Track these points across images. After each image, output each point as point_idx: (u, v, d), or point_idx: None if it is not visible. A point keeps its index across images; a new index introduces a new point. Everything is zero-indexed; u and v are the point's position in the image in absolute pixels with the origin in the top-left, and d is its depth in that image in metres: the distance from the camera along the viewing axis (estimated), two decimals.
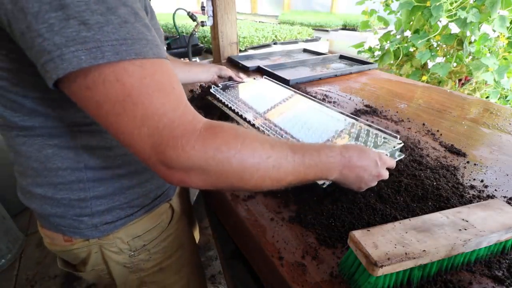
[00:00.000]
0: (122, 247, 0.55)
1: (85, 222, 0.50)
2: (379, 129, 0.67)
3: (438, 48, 1.60)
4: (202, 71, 0.96)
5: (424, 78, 1.56)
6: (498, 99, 1.47)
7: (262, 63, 1.36)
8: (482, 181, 0.59)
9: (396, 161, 0.58)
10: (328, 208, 0.51)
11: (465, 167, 0.63)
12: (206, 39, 2.25)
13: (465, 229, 0.38)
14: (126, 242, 0.55)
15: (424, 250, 0.35)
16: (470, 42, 1.45)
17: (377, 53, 1.83)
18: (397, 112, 0.91)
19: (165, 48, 0.60)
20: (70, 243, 0.52)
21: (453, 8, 1.35)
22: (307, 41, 2.81)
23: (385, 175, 0.51)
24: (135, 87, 0.31)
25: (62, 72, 0.29)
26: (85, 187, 0.47)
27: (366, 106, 0.94)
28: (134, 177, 0.52)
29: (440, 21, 1.47)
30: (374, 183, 0.51)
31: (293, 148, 0.42)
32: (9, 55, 0.35)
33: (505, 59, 1.44)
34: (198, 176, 0.36)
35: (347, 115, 0.75)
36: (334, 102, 0.97)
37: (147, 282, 0.61)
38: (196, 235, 1.02)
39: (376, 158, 0.49)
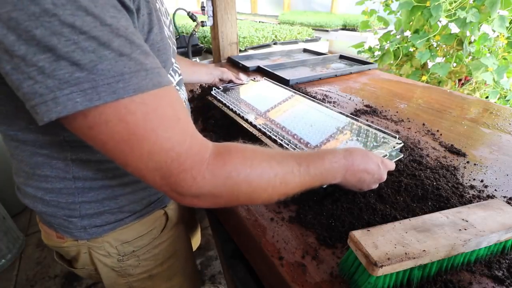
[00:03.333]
0: (110, 251, 0.54)
1: (74, 223, 0.49)
2: (379, 129, 0.67)
3: (438, 48, 1.60)
4: (205, 73, 0.96)
5: (424, 78, 1.56)
6: (498, 99, 1.47)
7: (262, 63, 1.36)
8: (482, 181, 0.59)
9: (396, 161, 0.58)
10: (328, 208, 0.51)
11: (465, 167, 0.63)
12: (206, 39, 2.24)
13: (465, 229, 0.38)
14: (114, 246, 0.54)
15: (424, 250, 0.35)
16: (470, 42, 1.45)
17: (377, 53, 1.83)
18: (397, 112, 0.91)
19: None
20: (62, 241, 0.53)
21: (453, 8, 1.35)
22: (307, 41, 2.80)
23: (385, 178, 0.52)
24: (139, 125, 0.30)
25: (55, 116, 0.28)
26: (74, 193, 0.47)
27: (366, 106, 0.94)
28: (127, 187, 0.51)
29: (440, 21, 1.47)
30: (375, 186, 0.52)
31: (298, 160, 0.43)
32: None
33: (505, 59, 1.44)
34: (208, 201, 0.37)
35: (346, 115, 0.75)
36: (334, 102, 0.97)
37: (135, 287, 0.61)
38: (197, 239, 1.00)
39: (379, 162, 0.50)
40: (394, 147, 0.61)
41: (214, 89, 0.94)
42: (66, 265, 0.59)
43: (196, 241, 0.98)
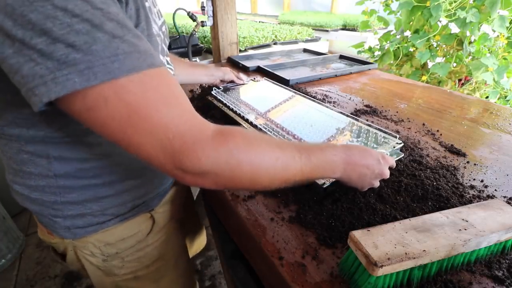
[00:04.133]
0: (94, 251, 0.54)
1: (58, 223, 0.50)
2: (379, 129, 0.67)
3: (438, 48, 1.60)
4: (205, 74, 0.95)
5: (424, 78, 1.56)
6: (498, 99, 1.47)
7: (262, 63, 1.36)
8: (482, 181, 0.59)
9: (396, 161, 0.58)
10: (328, 208, 0.51)
11: (465, 167, 0.63)
12: (206, 39, 2.24)
13: (465, 229, 0.38)
14: (98, 247, 0.54)
15: (424, 250, 0.35)
16: (470, 42, 1.45)
17: (377, 53, 1.83)
18: (397, 112, 0.91)
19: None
20: (51, 237, 0.54)
21: (453, 8, 1.36)
22: (307, 41, 2.80)
23: (387, 174, 0.52)
24: (140, 103, 0.31)
25: (54, 96, 0.29)
26: (56, 192, 0.47)
27: (366, 106, 0.94)
28: (111, 187, 0.50)
29: (440, 21, 1.47)
30: (377, 183, 0.52)
31: (299, 148, 0.43)
32: None
33: (505, 59, 1.44)
34: (211, 179, 0.37)
35: (347, 115, 0.75)
36: (334, 102, 0.97)
37: (122, 286, 0.60)
38: (202, 240, 0.99)
39: (379, 157, 0.50)
40: (394, 147, 0.61)
41: (214, 89, 0.94)
42: (60, 259, 0.59)
43: (200, 242, 0.98)
